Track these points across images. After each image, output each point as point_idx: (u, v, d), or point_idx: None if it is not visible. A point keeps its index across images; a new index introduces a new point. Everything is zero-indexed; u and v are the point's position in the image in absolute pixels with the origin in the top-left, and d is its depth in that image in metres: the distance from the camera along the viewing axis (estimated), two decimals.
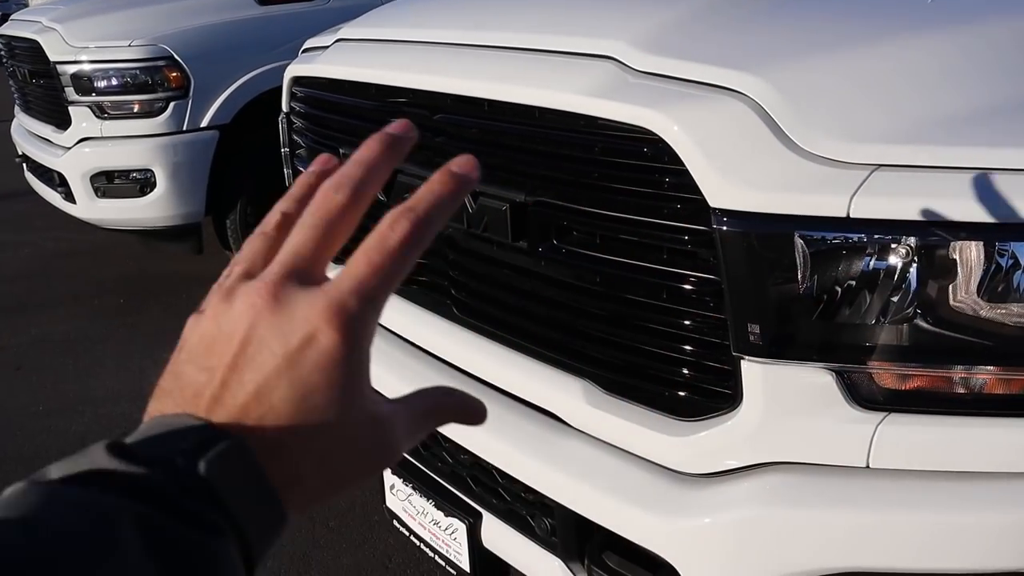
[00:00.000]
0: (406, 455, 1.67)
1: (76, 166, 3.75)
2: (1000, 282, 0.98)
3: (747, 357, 1.08)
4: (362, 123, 1.56)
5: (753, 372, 1.08)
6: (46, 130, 4.02)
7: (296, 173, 1.99)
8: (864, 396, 1.06)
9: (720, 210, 1.04)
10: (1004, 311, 1.00)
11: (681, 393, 1.19)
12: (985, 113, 1.06)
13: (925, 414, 1.06)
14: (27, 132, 4.45)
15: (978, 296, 1.00)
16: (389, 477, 1.74)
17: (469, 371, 1.48)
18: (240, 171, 3.90)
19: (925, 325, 1.02)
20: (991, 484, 1.06)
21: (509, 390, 1.40)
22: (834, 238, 1.01)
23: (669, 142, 1.07)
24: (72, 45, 3.68)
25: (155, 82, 3.62)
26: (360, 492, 2.62)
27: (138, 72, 3.62)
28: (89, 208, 3.82)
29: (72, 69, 3.66)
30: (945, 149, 1.00)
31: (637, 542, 1.21)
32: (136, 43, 3.61)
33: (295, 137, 1.92)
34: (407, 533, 1.74)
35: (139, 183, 3.73)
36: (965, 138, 1.02)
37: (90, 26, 3.78)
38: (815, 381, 1.06)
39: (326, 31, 1.99)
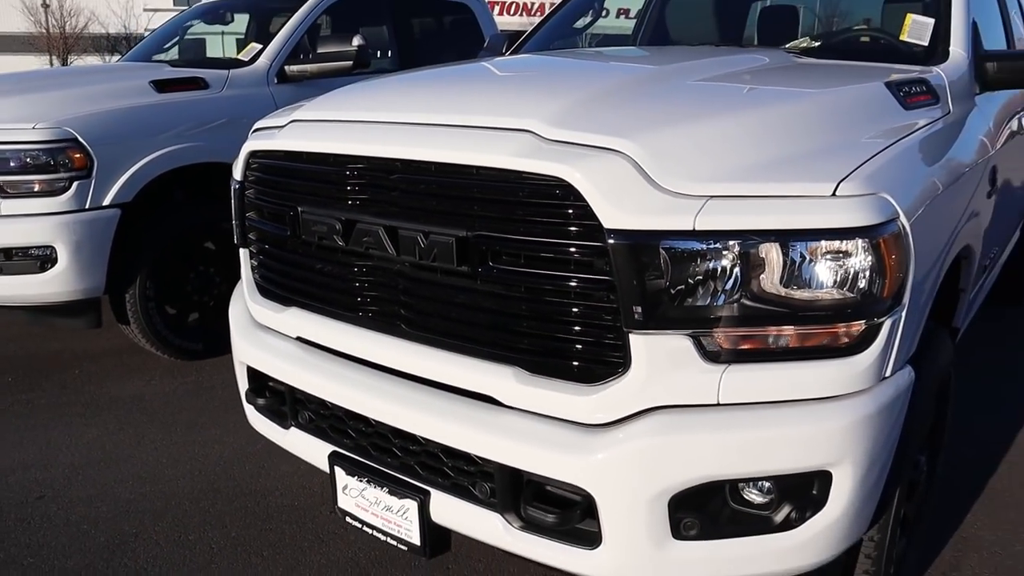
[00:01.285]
0: (358, 457, 2.05)
1: None
2: (791, 270, 1.52)
3: (633, 331, 1.56)
4: (323, 184, 1.98)
5: (638, 342, 1.57)
6: None
7: (246, 233, 2.34)
8: (711, 354, 1.57)
9: (611, 230, 1.54)
10: (795, 290, 1.54)
11: (587, 366, 1.66)
12: (775, 162, 1.62)
13: (752, 363, 1.57)
14: None
15: (778, 281, 1.54)
16: (342, 479, 2.10)
17: (419, 375, 1.89)
18: (140, 247, 4.13)
19: (748, 303, 1.55)
20: (795, 408, 1.58)
21: (454, 384, 1.82)
22: (685, 245, 1.53)
23: (575, 186, 1.56)
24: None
25: (58, 163, 3.84)
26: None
27: (41, 153, 3.83)
28: None
29: None
30: (752, 185, 1.55)
31: (563, 480, 1.65)
32: (40, 126, 3.83)
33: (247, 207, 2.28)
34: (359, 525, 2.10)
35: (39, 259, 3.90)
36: (763, 178, 1.57)
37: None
38: (679, 345, 1.56)
39: (271, 114, 2.38)
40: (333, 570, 2.67)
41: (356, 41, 4.76)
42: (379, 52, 5.78)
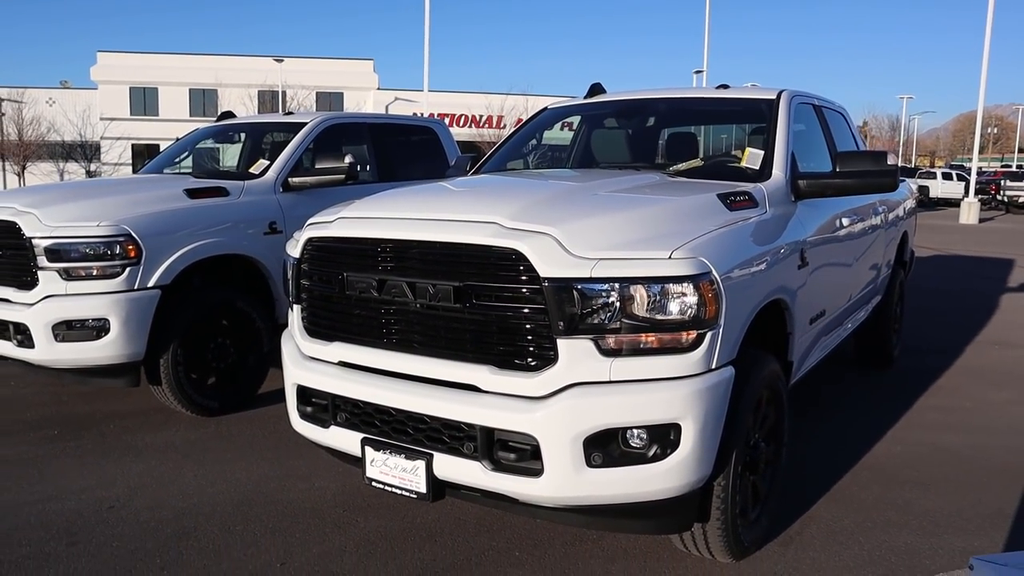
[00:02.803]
0: (383, 439, 3.09)
1: (41, 317, 4.85)
2: (650, 301, 2.67)
3: (559, 337, 2.68)
4: (363, 258, 3.08)
5: (562, 344, 2.68)
6: (5, 291, 5.07)
7: (300, 292, 3.42)
8: (605, 350, 2.69)
9: (545, 277, 2.67)
10: (653, 312, 2.68)
11: (531, 361, 2.76)
12: (639, 240, 2.79)
13: (629, 356, 2.70)
14: None
15: (644, 307, 2.68)
16: (370, 455, 3.12)
17: (426, 377, 2.97)
18: (174, 321, 5.14)
19: (625, 320, 2.68)
20: (656, 383, 2.70)
21: (450, 380, 2.90)
22: (586, 286, 2.68)
23: (524, 253, 2.70)
24: (47, 224, 4.89)
25: (115, 253, 4.88)
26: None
27: (102, 245, 4.87)
28: (48, 351, 4.89)
29: (47, 243, 4.84)
30: (624, 252, 2.73)
31: (520, 430, 2.72)
32: (103, 223, 4.89)
33: (302, 276, 3.38)
34: (382, 486, 3.12)
35: (95, 329, 4.89)
36: (631, 248, 2.74)
37: (62, 211, 5.00)
38: (585, 346, 2.68)
39: (320, 214, 3.49)
40: (349, 544, 3.64)
41: (347, 159, 5.95)
42: (360, 167, 6.97)
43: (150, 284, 5.01)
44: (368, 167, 6.89)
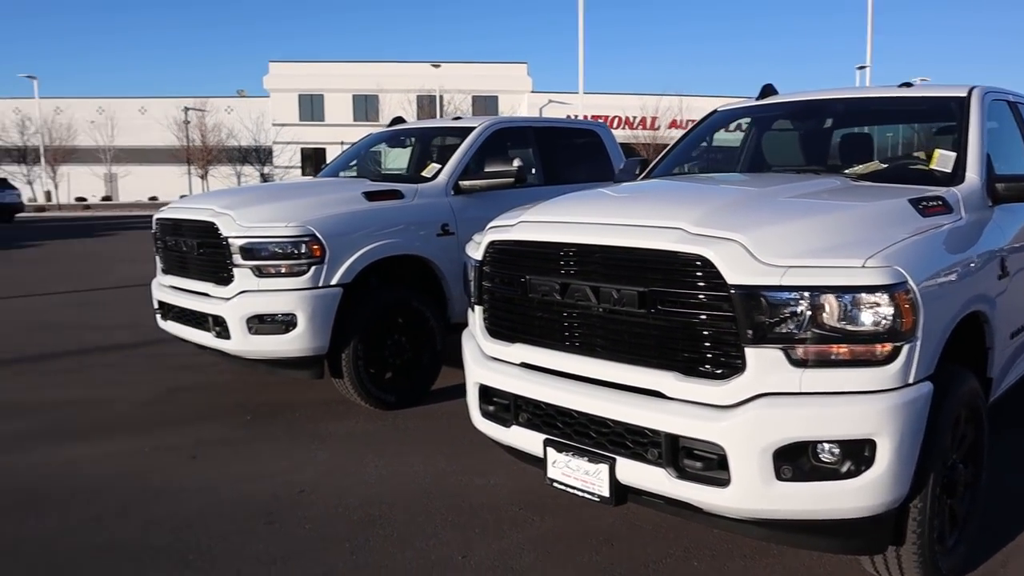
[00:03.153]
0: (565, 440, 3.14)
1: (236, 311, 5.23)
2: (842, 311, 2.59)
3: (747, 346, 2.64)
4: (545, 262, 3.15)
5: (750, 353, 2.65)
6: (205, 286, 5.50)
7: (482, 294, 3.53)
8: (795, 361, 2.63)
9: (732, 285, 2.64)
10: (845, 323, 2.60)
11: (718, 369, 2.73)
12: (830, 248, 2.71)
13: (821, 368, 2.63)
14: (171, 288, 5.94)
15: (835, 318, 2.60)
16: (552, 456, 3.18)
17: (609, 381, 3.00)
18: (354, 318, 5.41)
19: (816, 331, 2.61)
20: (850, 396, 2.61)
21: (633, 384, 2.92)
22: (776, 294, 2.62)
23: (711, 260, 2.68)
24: (241, 225, 5.26)
25: (302, 252, 5.19)
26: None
27: (290, 244, 5.19)
28: (243, 342, 5.26)
29: (241, 242, 5.21)
30: (815, 260, 2.65)
31: (707, 439, 2.70)
32: (291, 225, 5.21)
33: (484, 278, 3.49)
34: (563, 487, 3.17)
35: (284, 324, 5.21)
36: (822, 256, 2.67)
37: (255, 213, 5.37)
38: (775, 355, 2.63)
39: (500, 217, 3.58)
40: (527, 542, 3.72)
41: (516, 163, 6.07)
42: (526, 170, 7.09)
43: (333, 282, 5.29)
44: (534, 170, 6.99)
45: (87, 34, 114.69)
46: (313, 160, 60.02)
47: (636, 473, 2.94)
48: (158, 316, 6.24)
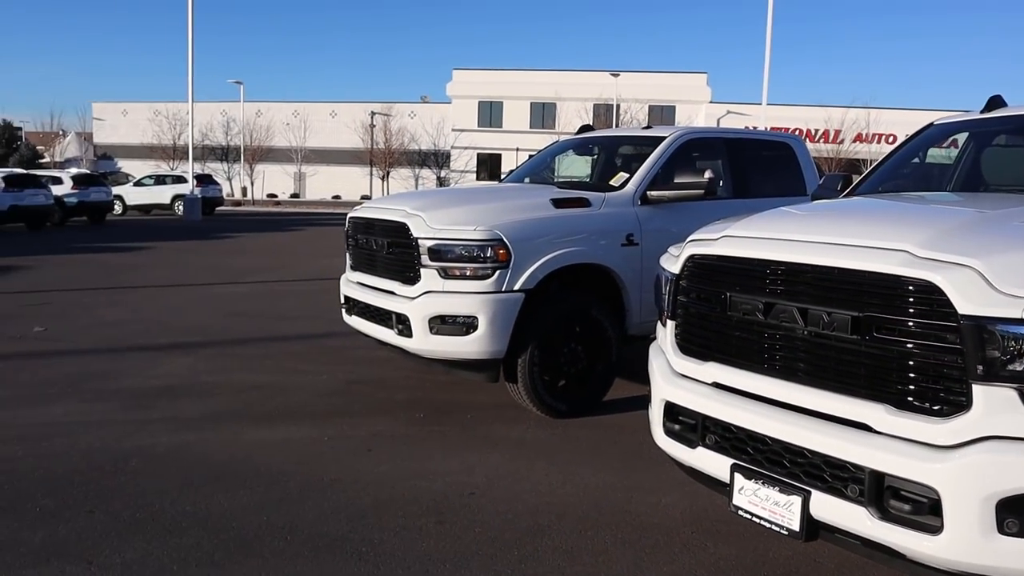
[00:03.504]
0: (755, 468, 2.97)
1: (420, 310, 5.34)
2: None
3: (975, 383, 2.39)
4: (750, 279, 3.00)
5: (978, 390, 2.39)
6: (391, 284, 5.67)
7: (676, 309, 3.42)
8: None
9: (963, 315, 2.40)
10: None
11: (938, 405, 2.49)
12: None
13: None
14: (358, 284, 6.16)
15: None
16: (739, 483, 3.02)
17: (809, 408, 2.81)
18: (533, 323, 5.41)
19: None
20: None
21: (838, 415, 2.71)
22: (1013, 328, 2.35)
23: (939, 286, 2.45)
24: (431, 227, 5.37)
25: (487, 256, 5.24)
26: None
27: (476, 248, 5.25)
28: (424, 342, 5.37)
29: (430, 243, 5.32)
30: None
31: (920, 481, 2.47)
32: (479, 228, 5.27)
33: (680, 292, 3.37)
34: (749, 517, 3.00)
35: (465, 325, 5.28)
36: None
37: (445, 215, 5.48)
38: (1008, 394, 2.36)
39: (701, 231, 3.45)
40: (700, 569, 3.57)
41: (707, 174, 5.89)
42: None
43: (516, 287, 5.31)
44: (722, 182, 6.77)
45: (288, 36, 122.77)
46: (488, 165, 61.46)
47: (832, 510, 2.73)
48: (343, 310, 6.50)
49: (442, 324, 5.33)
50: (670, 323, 3.47)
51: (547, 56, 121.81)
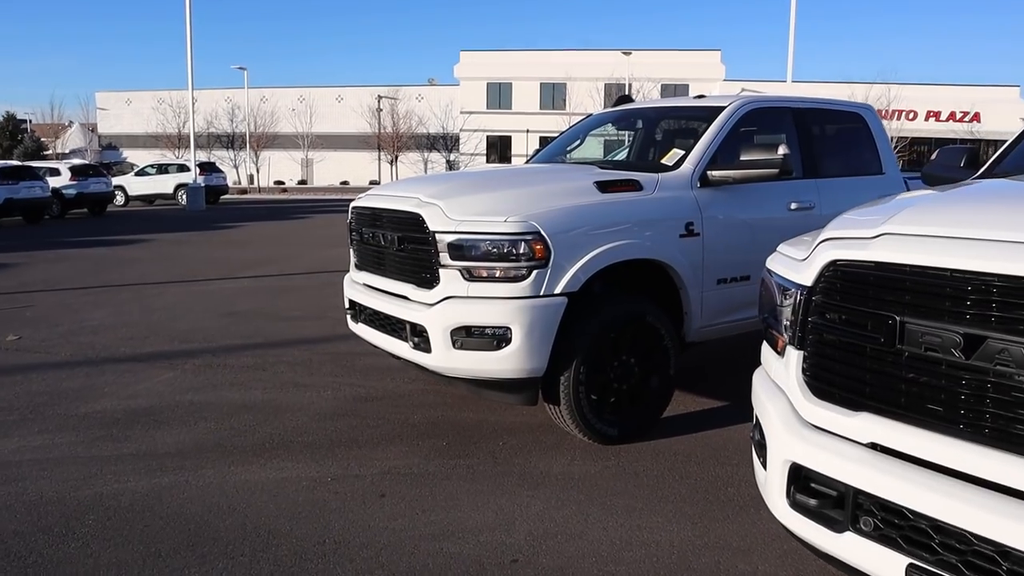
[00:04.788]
0: (941, 573, 2.01)
1: (440, 320, 4.37)
2: None
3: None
4: (937, 298, 2.03)
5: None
6: (404, 288, 4.69)
7: (809, 340, 2.45)
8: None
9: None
10: None
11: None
12: None
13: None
14: (365, 287, 5.19)
15: None
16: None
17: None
18: (578, 333, 4.44)
19: None
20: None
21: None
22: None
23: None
24: (451, 218, 4.39)
25: (522, 252, 4.26)
26: None
27: (508, 243, 4.27)
28: (445, 358, 4.40)
29: (450, 238, 4.34)
30: None
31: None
32: (511, 219, 4.28)
33: (813, 311, 2.41)
34: None
35: (495, 338, 4.31)
36: None
37: (467, 204, 4.50)
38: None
39: (841, 226, 2.47)
40: None
41: (782, 150, 4.89)
42: None
43: (556, 290, 4.34)
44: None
45: (292, 21, 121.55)
46: (498, 148, 60.34)
47: None
48: (349, 317, 5.53)
49: (468, 337, 4.36)
50: (793, 352, 2.50)
51: (557, 36, 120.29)
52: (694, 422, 5.14)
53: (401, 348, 4.76)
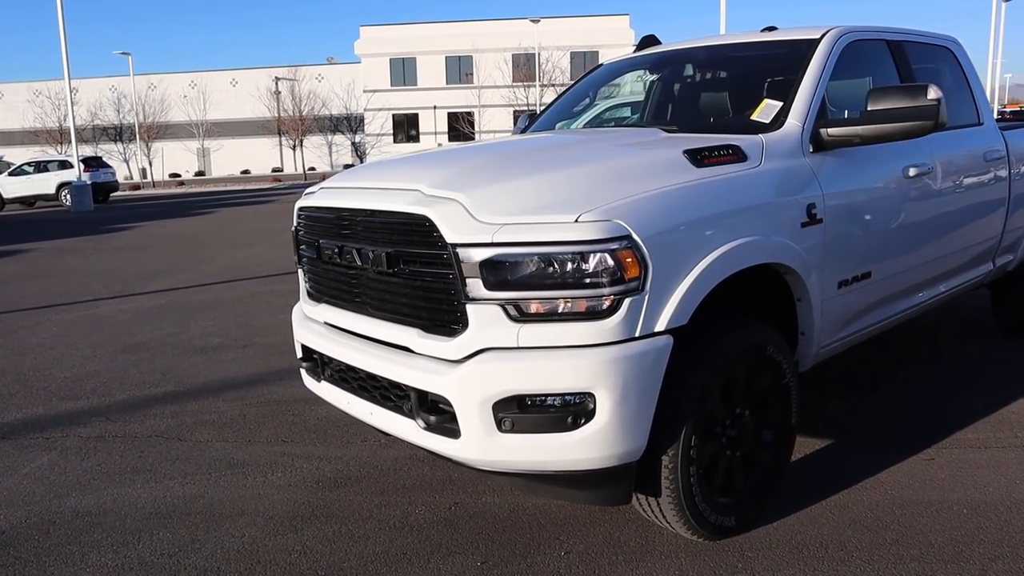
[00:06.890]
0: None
1: (473, 389, 2.68)
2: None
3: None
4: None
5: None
6: (400, 334, 2.96)
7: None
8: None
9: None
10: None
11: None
12: None
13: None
14: (330, 328, 3.44)
15: None
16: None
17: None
18: (685, 388, 2.84)
19: None
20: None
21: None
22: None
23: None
24: (482, 220, 2.68)
25: (604, 271, 2.61)
26: None
27: (581, 257, 2.61)
28: (484, 447, 2.71)
29: (485, 254, 2.64)
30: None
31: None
32: (586, 218, 2.62)
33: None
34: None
35: (569, 412, 2.66)
36: None
37: (507, 194, 2.80)
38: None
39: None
40: None
41: (932, 94, 3.37)
42: None
43: (657, 327, 2.71)
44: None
45: (179, 6, 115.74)
46: (404, 127, 58.14)
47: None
48: (304, 371, 3.72)
49: (521, 412, 2.68)
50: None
51: (462, 6, 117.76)
52: (817, 478, 3.64)
53: (401, 427, 3.02)
